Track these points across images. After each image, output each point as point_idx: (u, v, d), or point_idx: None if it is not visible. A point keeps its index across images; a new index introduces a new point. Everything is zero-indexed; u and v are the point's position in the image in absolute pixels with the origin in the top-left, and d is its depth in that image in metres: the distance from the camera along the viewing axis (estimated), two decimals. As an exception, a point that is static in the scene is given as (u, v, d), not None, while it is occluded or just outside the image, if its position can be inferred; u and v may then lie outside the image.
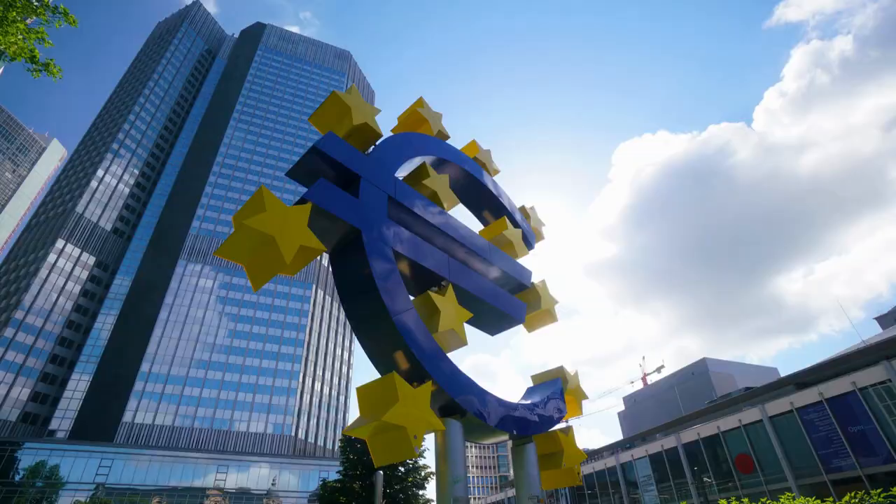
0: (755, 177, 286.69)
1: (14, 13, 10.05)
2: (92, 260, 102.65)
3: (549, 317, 12.47)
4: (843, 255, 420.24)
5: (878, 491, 20.71)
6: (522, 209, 14.37)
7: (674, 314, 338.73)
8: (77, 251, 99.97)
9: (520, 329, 12.57)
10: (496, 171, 13.97)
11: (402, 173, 10.80)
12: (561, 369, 11.56)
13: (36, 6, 10.41)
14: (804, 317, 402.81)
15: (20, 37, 10.34)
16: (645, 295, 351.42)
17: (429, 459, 76.32)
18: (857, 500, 19.66)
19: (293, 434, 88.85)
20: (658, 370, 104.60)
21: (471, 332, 11.10)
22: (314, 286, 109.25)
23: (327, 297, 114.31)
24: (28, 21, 10.44)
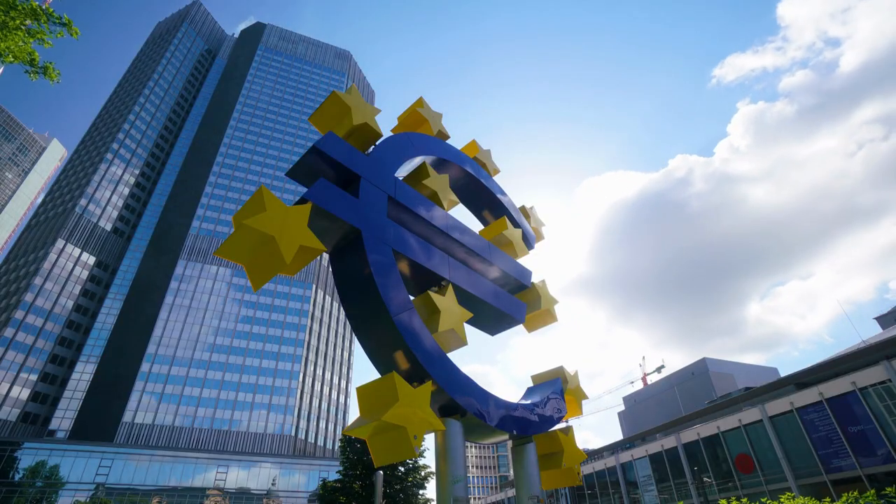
0: (711, 205, 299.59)
1: (15, 19, 9.99)
2: (92, 260, 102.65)
3: (550, 317, 12.46)
4: (807, 279, 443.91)
5: (872, 492, 20.68)
6: (522, 209, 14.36)
7: (656, 331, 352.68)
8: (77, 251, 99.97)
9: (508, 342, 12.54)
10: (496, 171, 13.96)
11: (402, 173, 10.80)
12: (561, 369, 11.55)
13: (38, 11, 10.33)
14: (769, 336, 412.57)
15: (20, 42, 10.27)
16: (628, 310, 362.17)
17: (429, 459, 76.38)
18: (854, 500, 19.66)
19: (293, 434, 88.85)
20: (658, 370, 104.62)
21: (470, 334, 11.10)
22: (314, 286, 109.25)
23: (327, 297, 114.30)
24: (27, 24, 10.37)
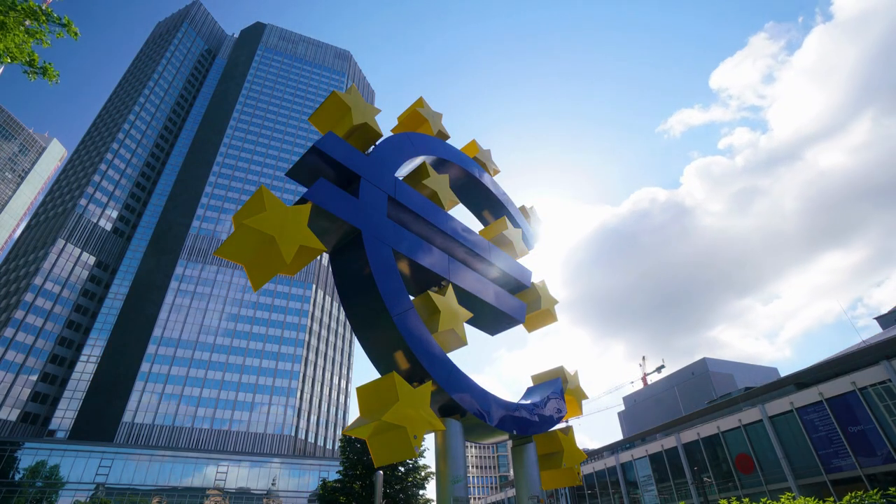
0: (671, 234, 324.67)
1: (14, 17, 9.97)
2: (92, 260, 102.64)
3: (550, 316, 12.46)
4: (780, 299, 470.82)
5: (875, 490, 20.74)
6: (522, 209, 14.36)
7: (635, 347, 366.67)
8: (77, 251, 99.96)
9: (493, 354, 12.57)
10: (496, 171, 13.96)
11: (402, 173, 10.80)
12: (561, 369, 11.56)
13: (38, 12, 10.29)
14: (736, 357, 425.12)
15: (20, 42, 10.25)
16: (609, 326, 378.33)
17: (429, 459, 76.39)
18: (857, 500, 19.67)
19: (293, 434, 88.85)
20: (658, 370, 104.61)
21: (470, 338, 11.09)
22: (314, 286, 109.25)
23: (327, 297, 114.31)
24: (26, 23, 10.34)
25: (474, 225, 18.64)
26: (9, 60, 10.42)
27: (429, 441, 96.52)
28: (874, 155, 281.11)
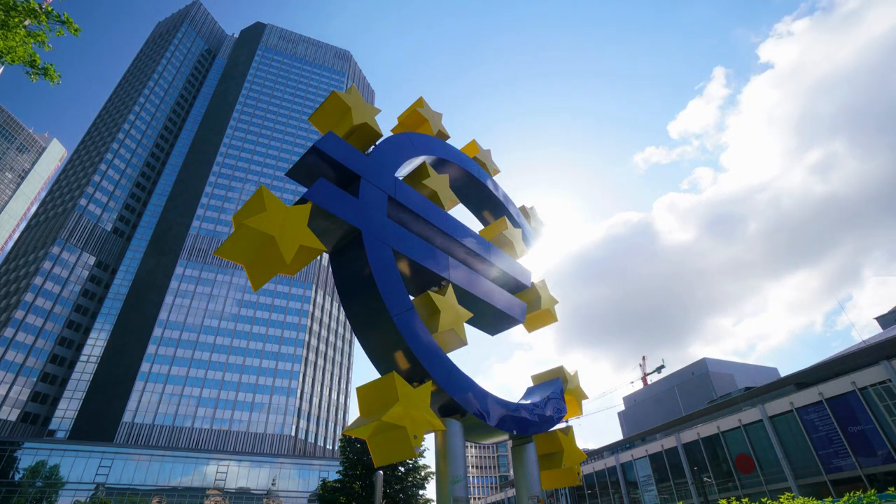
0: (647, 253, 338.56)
1: (15, 18, 9.96)
2: (92, 260, 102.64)
3: (550, 316, 12.45)
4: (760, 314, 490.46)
5: (872, 491, 20.72)
6: (522, 209, 14.35)
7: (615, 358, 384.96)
8: (77, 251, 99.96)
9: (480, 365, 12.57)
10: (496, 171, 13.95)
11: (402, 173, 10.79)
12: (561, 369, 11.55)
13: (38, 11, 10.29)
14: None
15: (20, 41, 10.24)
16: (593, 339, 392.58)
17: (429, 459, 76.35)
18: (854, 500, 19.66)
19: (293, 434, 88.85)
20: (658, 370, 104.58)
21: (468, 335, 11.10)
22: (314, 286, 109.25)
23: (327, 297, 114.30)
24: (26, 23, 10.33)
25: (474, 225, 18.63)
26: (10, 61, 10.42)
27: (429, 441, 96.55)
28: (821, 188, 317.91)
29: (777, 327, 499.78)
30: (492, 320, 11.39)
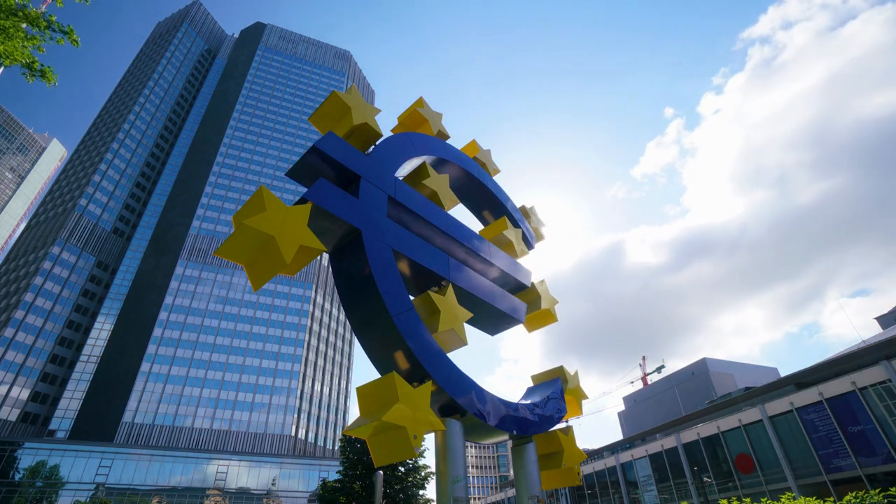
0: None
1: (14, 22, 9.95)
2: (92, 260, 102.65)
3: (550, 316, 12.46)
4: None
5: (877, 490, 20.74)
6: (522, 209, 14.35)
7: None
8: (77, 251, 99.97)
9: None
10: (496, 171, 13.95)
11: (402, 173, 10.79)
12: (561, 369, 11.55)
13: (39, 19, 10.27)
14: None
15: (19, 46, 10.23)
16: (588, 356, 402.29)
17: (429, 459, 76.33)
18: (857, 500, 19.66)
19: (293, 434, 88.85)
20: (658, 370, 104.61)
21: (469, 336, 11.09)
22: (314, 286, 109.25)
23: (327, 297, 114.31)
24: (24, 26, 10.32)
25: (474, 225, 18.63)
26: (9, 63, 10.42)
27: (429, 441, 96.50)
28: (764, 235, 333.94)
29: (749, 343, 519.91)
30: (492, 320, 11.39)
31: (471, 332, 11.35)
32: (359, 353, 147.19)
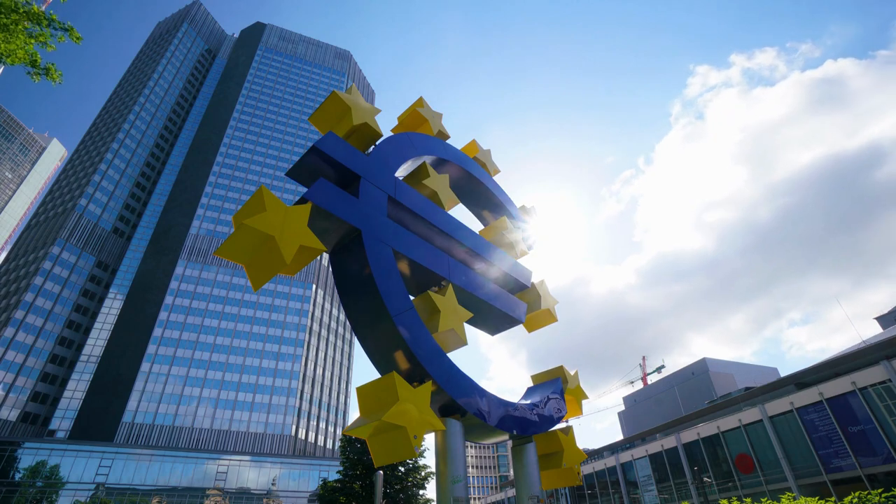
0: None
1: (17, 23, 9.96)
2: (92, 260, 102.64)
3: (550, 316, 12.46)
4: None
5: (879, 491, 20.74)
6: (523, 209, 14.35)
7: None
8: (77, 251, 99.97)
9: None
10: (496, 171, 13.95)
11: (402, 173, 10.80)
12: (561, 369, 11.55)
13: (40, 16, 10.29)
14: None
15: (21, 44, 10.25)
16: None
17: (429, 459, 76.36)
18: (858, 501, 19.65)
19: (293, 434, 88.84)
20: (658, 370, 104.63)
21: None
22: (314, 286, 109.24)
23: (327, 297, 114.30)
24: (25, 24, 10.33)
25: (474, 225, 18.64)
26: (10, 62, 10.44)
27: (429, 441, 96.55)
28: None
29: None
30: (492, 320, 11.39)
31: (471, 332, 11.36)
32: (359, 353, 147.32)
